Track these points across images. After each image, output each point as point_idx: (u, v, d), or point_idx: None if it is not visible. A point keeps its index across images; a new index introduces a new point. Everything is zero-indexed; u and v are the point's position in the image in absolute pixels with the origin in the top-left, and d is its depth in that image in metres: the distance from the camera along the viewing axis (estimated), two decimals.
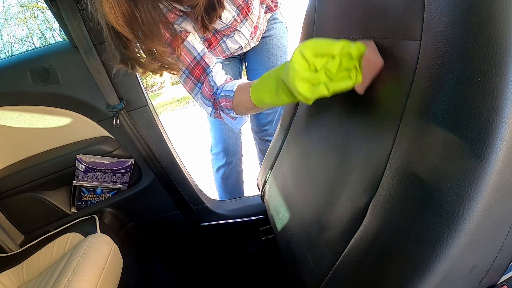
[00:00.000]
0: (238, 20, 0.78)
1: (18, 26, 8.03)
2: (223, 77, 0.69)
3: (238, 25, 0.80)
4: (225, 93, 0.65)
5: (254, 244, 1.03)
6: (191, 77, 0.68)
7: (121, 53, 0.56)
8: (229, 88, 0.64)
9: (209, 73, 0.67)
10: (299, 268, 0.55)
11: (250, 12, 0.79)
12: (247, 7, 0.76)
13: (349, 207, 0.42)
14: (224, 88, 0.66)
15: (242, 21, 0.80)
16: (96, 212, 0.99)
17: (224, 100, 0.65)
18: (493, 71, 0.24)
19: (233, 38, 0.85)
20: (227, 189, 1.30)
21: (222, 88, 0.66)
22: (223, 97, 0.65)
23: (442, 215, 0.27)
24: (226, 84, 0.66)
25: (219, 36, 0.83)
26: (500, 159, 0.24)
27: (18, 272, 0.80)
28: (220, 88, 0.67)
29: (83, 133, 0.96)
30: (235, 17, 0.77)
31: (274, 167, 0.77)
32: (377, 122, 0.38)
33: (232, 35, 0.84)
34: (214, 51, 0.88)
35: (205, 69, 0.67)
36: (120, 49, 0.55)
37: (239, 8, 0.75)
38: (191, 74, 0.67)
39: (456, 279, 0.29)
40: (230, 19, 0.76)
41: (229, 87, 0.65)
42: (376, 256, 0.35)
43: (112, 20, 0.48)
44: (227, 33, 0.82)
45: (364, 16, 0.42)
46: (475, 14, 0.25)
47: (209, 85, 0.67)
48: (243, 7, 0.76)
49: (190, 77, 0.68)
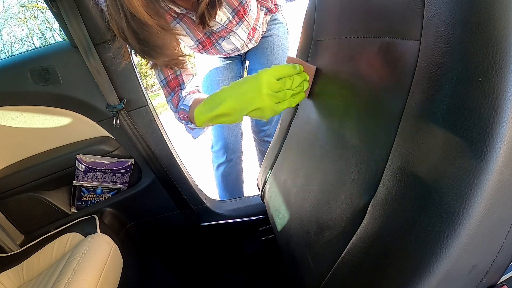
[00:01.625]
0: (234, 22, 0.78)
1: (18, 26, 8.04)
2: (189, 89, 0.75)
3: (234, 27, 0.80)
4: (183, 107, 0.70)
5: (254, 244, 1.03)
6: (167, 87, 0.75)
7: (145, 41, 0.58)
8: (185, 102, 0.70)
9: (182, 88, 0.74)
10: (299, 268, 0.55)
11: (246, 15, 0.78)
12: (243, 10, 0.76)
13: (348, 207, 0.42)
14: (184, 102, 0.71)
15: (238, 23, 0.80)
16: (96, 212, 0.99)
17: (182, 113, 0.71)
18: (493, 71, 0.24)
19: (228, 40, 0.85)
20: (227, 187, 1.30)
21: (182, 101, 0.72)
22: (181, 110, 0.71)
23: (442, 215, 0.27)
24: (187, 97, 0.72)
25: (214, 38, 0.83)
26: (500, 159, 0.24)
27: (18, 272, 0.80)
28: (181, 100, 0.73)
29: (83, 133, 0.96)
30: (231, 19, 0.77)
31: (274, 167, 0.77)
32: (377, 122, 0.38)
33: (228, 36, 0.84)
34: (209, 52, 0.88)
35: (181, 84, 0.74)
36: (144, 36, 0.57)
37: (235, 10, 0.75)
38: (167, 85, 0.75)
39: (456, 279, 0.29)
40: (225, 20, 0.76)
41: (186, 101, 0.71)
42: (376, 256, 0.35)
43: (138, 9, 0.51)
44: (222, 35, 0.82)
45: (364, 16, 0.42)
46: (475, 14, 0.25)
47: (178, 96, 0.75)
48: (239, 9, 0.76)
49: (166, 87, 0.75)
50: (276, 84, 0.50)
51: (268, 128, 1.19)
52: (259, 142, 1.27)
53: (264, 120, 0.68)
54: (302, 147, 0.62)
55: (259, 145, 1.29)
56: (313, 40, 0.60)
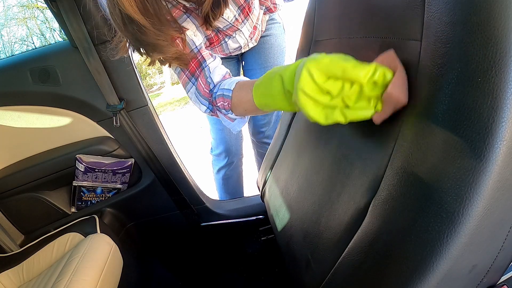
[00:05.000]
0: (240, 20, 0.78)
1: (18, 26, 8.04)
2: (221, 73, 0.64)
3: (239, 25, 0.80)
4: (222, 92, 0.60)
5: (254, 244, 1.03)
6: (185, 70, 0.64)
7: (138, 39, 0.54)
8: (226, 87, 0.59)
9: (204, 67, 0.62)
10: (299, 268, 0.55)
11: (251, 12, 0.79)
12: (248, 7, 0.77)
13: (349, 207, 0.42)
14: (221, 87, 0.60)
15: (243, 21, 0.80)
16: (96, 212, 0.99)
17: (222, 99, 0.60)
18: (493, 71, 0.24)
19: (234, 38, 0.86)
20: (228, 190, 1.30)
21: (219, 86, 0.61)
22: (220, 96, 0.60)
23: (442, 215, 0.27)
24: (224, 82, 0.61)
25: (221, 36, 0.83)
26: (500, 159, 0.24)
27: (18, 272, 0.80)
28: (217, 86, 0.62)
29: (83, 133, 0.96)
30: (237, 17, 0.77)
31: (274, 167, 0.77)
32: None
33: (234, 35, 0.84)
34: (214, 50, 0.88)
35: (201, 63, 0.63)
36: (136, 35, 0.53)
37: (240, 8, 0.75)
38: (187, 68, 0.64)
39: (456, 279, 0.29)
40: (232, 18, 0.76)
41: (226, 85, 0.59)
42: (376, 256, 0.35)
43: (127, 8, 0.47)
44: (229, 33, 0.82)
45: (364, 16, 0.42)
46: (475, 14, 0.25)
47: (206, 81, 0.62)
48: (244, 7, 0.76)
49: (185, 71, 0.64)
50: (316, 85, 0.34)
51: (266, 129, 1.17)
52: (258, 144, 1.24)
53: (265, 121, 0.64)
54: (302, 147, 0.62)
55: (257, 147, 1.27)
56: (313, 40, 0.60)
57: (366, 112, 0.34)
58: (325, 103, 0.34)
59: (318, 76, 0.33)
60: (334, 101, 0.34)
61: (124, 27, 0.52)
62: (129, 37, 0.54)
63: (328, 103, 0.34)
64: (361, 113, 0.34)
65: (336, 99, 0.34)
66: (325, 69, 0.33)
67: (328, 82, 0.33)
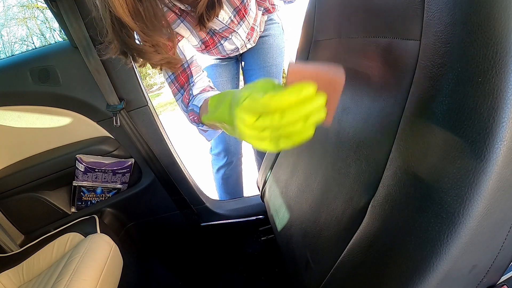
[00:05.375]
0: (235, 21, 0.78)
1: (18, 26, 8.04)
2: (201, 86, 0.67)
3: (235, 27, 0.80)
4: (192, 108, 0.64)
5: (254, 244, 1.03)
6: (175, 82, 0.68)
7: (125, 42, 0.54)
8: (195, 103, 0.63)
9: (191, 82, 0.67)
10: (299, 268, 0.55)
11: (247, 14, 0.79)
12: (244, 9, 0.76)
13: (348, 207, 0.42)
14: (194, 102, 0.64)
15: (239, 23, 0.80)
16: (96, 212, 0.99)
17: (192, 114, 0.64)
18: (493, 71, 0.24)
19: (230, 40, 0.86)
20: (227, 189, 1.30)
21: (192, 101, 0.65)
22: (191, 110, 0.65)
23: (442, 215, 0.27)
24: (199, 96, 0.64)
25: (217, 38, 0.83)
26: (500, 159, 0.24)
27: (18, 272, 0.80)
28: (191, 100, 0.66)
29: (83, 133, 0.96)
30: (232, 18, 0.77)
31: (274, 167, 0.77)
32: (377, 121, 0.38)
33: (230, 36, 0.84)
34: (211, 52, 0.88)
35: (189, 78, 0.67)
36: (123, 38, 0.54)
37: (236, 10, 0.75)
38: (176, 80, 0.68)
39: (456, 279, 0.29)
40: (227, 20, 0.76)
41: (196, 101, 0.63)
42: (376, 256, 0.35)
43: (118, 10, 0.47)
44: (225, 35, 0.82)
45: (364, 16, 0.42)
46: (475, 14, 0.25)
47: (189, 93, 0.67)
48: (240, 8, 0.76)
49: (175, 83, 0.68)
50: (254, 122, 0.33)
51: None
52: None
53: None
54: (302, 147, 0.62)
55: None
56: (313, 40, 0.60)
57: (306, 133, 0.32)
58: (268, 136, 0.33)
59: (248, 119, 0.32)
60: (275, 132, 0.32)
61: (112, 29, 0.52)
62: (117, 39, 0.55)
63: (270, 135, 0.33)
64: (302, 135, 0.32)
65: (276, 131, 0.32)
66: (250, 110, 0.32)
67: (260, 120, 0.32)
